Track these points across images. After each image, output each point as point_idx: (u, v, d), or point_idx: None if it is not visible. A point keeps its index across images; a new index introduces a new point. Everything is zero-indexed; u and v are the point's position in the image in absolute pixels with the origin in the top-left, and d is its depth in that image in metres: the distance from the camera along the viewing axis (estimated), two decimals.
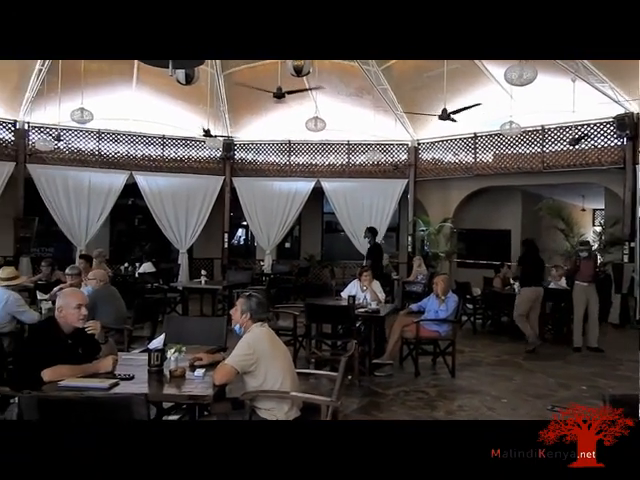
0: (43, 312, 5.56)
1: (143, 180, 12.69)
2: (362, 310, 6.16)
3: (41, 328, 3.43)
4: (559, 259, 10.47)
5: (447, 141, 12.69)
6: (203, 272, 9.26)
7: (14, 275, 5.73)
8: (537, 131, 11.35)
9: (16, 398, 3.15)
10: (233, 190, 13.43)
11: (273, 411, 3.22)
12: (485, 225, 13.27)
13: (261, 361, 3.23)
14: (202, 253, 14.14)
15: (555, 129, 11.16)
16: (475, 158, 12.26)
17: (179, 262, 12.67)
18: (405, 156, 13.20)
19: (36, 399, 2.49)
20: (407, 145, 13.19)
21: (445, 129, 11.58)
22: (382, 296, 6.91)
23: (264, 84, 10.01)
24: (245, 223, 16.39)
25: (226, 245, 13.55)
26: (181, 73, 6.75)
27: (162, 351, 3.40)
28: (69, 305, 3.38)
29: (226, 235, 13.60)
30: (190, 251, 13.42)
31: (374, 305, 6.39)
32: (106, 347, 3.68)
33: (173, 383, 3.27)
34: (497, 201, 13.10)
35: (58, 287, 6.12)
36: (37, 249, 12.86)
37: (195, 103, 12.54)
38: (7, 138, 11.74)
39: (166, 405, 3.70)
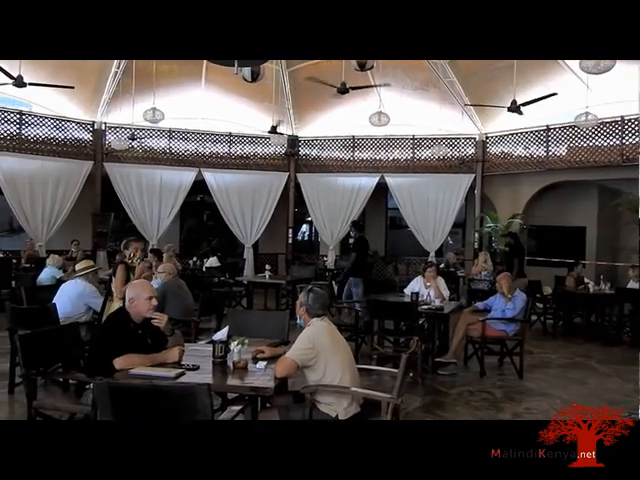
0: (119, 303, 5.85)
1: (211, 177, 13.06)
2: (425, 307, 6.06)
3: (114, 318, 3.60)
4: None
5: (517, 134, 12.21)
6: (267, 267, 9.42)
7: (87, 265, 6.06)
8: (616, 122, 10.71)
9: (91, 384, 3.34)
10: (297, 186, 13.57)
11: (332, 406, 3.22)
12: (558, 222, 12.66)
13: (320, 355, 3.24)
14: (267, 248, 14.39)
15: (636, 119, 10.48)
16: (547, 151, 11.73)
17: (244, 257, 12.96)
18: (472, 150, 12.83)
19: (107, 385, 2.61)
20: (474, 139, 12.82)
21: (515, 122, 11.17)
22: (446, 293, 6.77)
23: (328, 80, 10.03)
24: (309, 219, 16.57)
25: (290, 241, 13.72)
26: (247, 71, 6.87)
27: (226, 343, 3.48)
28: (140, 296, 3.52)
29: (290, 231, 13.76)
30: (255, 246, 13.69)
31: (438, 302, 6.27)
32: (172, 339, 3.82)
33: (236, 374, 3.34)
34: (571, 196, 12.45)
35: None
36: (112, 244, 13.53)
37: (260, 100, 12.75)
38: (86, 138, 12.42)
39: (230, 396, 3.79)
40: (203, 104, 13.03)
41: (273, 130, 11.30)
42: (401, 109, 12.08)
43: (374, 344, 6.13)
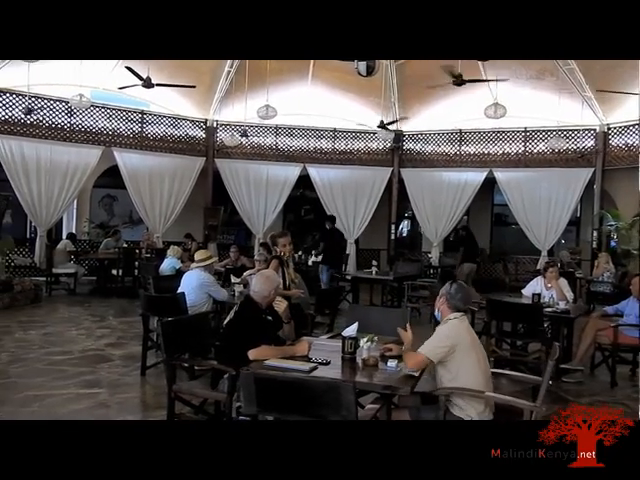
0: (236, 295, 6.06)
1: (315, 172, 13.23)
2: (549, 310, 5.71)
3: (247, 308, 3.71)
4: None
5: None
6: (374, 262, 9.37)
7: (207, 256, 6.33)
8: None
9: (225, 375, 3.47)
10: (400, 181, 13.38)
11: (466, 410, 3.10)
12: None
13: (456, 354, 3.13)
14: (367, 244, 14.34)
15: None
16: None
17: (347, 252, 12.99)
18: (592, 142, 11.95)
19: (253, 375, 2.67)
20: (594, 130, 11.92)
21: None
22: (570, 295, 6.34)
23: (434, 73, 9.80)
24: (408, 214, 16.31)
25: (393, 236, 13.57)
26: (362, 65, 6.83)
27: (355, 339, 3.47)
28: (267, 287, 3.62)
29: (393, 226, 13.61)
30: (356, 242, 13.69)
31: (562, 305, 5.89)
32: (287, 327, 3.88)
33: (365, 372, 3.32)
34: None
35: (248, 272, 6.64)
36: (221, 236, 14.14)
37: (366, 96, 12.70)
38: (199, 136, 13.05)
39: None
40: (309, 100, 13.20)
41: (382, 125, 11.19)
42: (513, 100, 11.48)
43: (492, 346, 5.87)
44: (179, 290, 5.69)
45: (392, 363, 3.30)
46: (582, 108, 11.62)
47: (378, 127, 11.40)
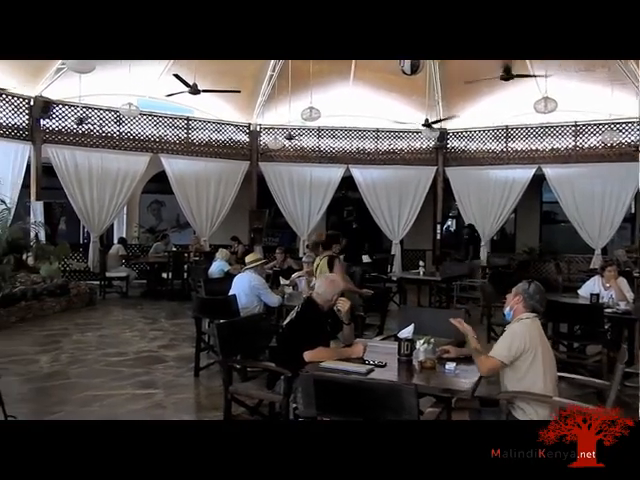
0: (285, 296, 6.09)
1: (358, 173, 13.17)
2: (609, 311, 5.49)
3: (307, 310, 3.72)
4: None
5: None
6: (421, 263, 9.25)
7: (256, 259, 6.40)
8: None
9: (282, 376, 3.48)
10: (445, 180, 13.17)
11: (530, 414, 3.01)
12: None
13: (527, 356, 3.05)
14: (412, 244, 14.17)
15: None
16: None
17: (392, 253, 12.89)
18: None
19: (312, 377, 2.67)
20: None
21: None
22: (630, 295, 6.08)
23: (479, 69, 9.61)
24: (453, 214, 16.04)
25: (438, 236, 13.37)
26: (407, 64, 6.76)
27: (412, 341, 3.42)
28: (331, 290, 3.63)
29: (438, 226, 13.41)
30: (401, 242, 13.55)
31: (622, 305, 5.65)
32: (347, 328, 3.85)
33: (423, 374, 3.27)
34: None
35: (296, 274, 6.67)
36: (266, 239, 14.27)
37: (408, 94, 12.57)
38: (243, 140, 13.21)
39: None
40: (351, 101, 13.16)
41: (427, 124, 11.05)
42: (562, 94, 11.12)
43: None
44: (230, 292, 5.76)
45: (450, 365, 3.24)
46: (636, 100, 11.14)
47: (423, 126, 11.24)
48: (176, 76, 8.98)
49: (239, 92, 10.37)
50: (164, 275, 10.82)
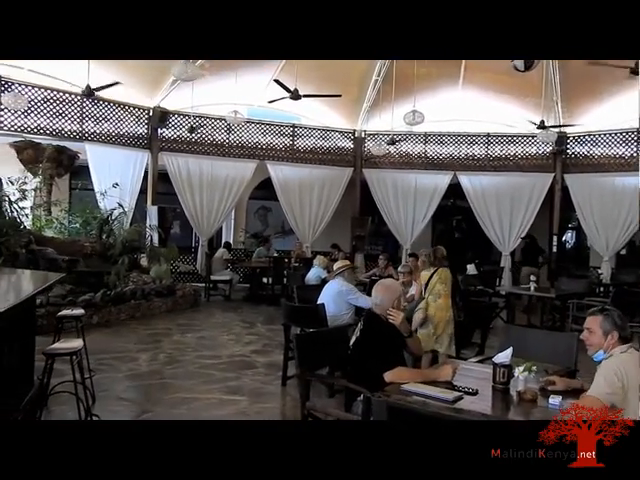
0: None
1: (466, 180, 12.52)
2: None
3: (371, 323, 3.43)
4: None
5: None
6: (532, 278, 8.47)
7: (344, 264, 6.18)
8: None
9: (361, 395, 3.21)
10: (564, 188, 12.09)
11: None
12: None
13: (626, 395, 2.58)
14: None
15: None
16: None
17: (502, 265, 12.07)
18: None
19: (385, 403, 2.38)
20: None
21: None
22: None
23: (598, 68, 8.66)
24: (572, 225, 14.72)
25: (555, 249, 12.29)
26: (519, 60, 6.22)
27: (509, 367, 3.00)
28: (389, 296, 3.42)
29: (555, 238, 12.34)
30: (512, 255, 12.65)
31: None
32: (409, 341, 3.51)
33: (521, 407, 2.85)
34: None
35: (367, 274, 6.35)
36: (368, 247, 14.03)
37: (522, 96, 11.73)
38: (347, 146, 13.12)
39: None
40: (460, 105, 12.57)
41: (541, 126, 10.21)
42: None
43: None
44: (319, 301, 5.61)
45: (555, 400, 2.77)
46: None
47: (538, 128, 10.38)
48: (277, 81, 9.08)
49: (340, 96, 10.27)
50: (265, 280, 10.97)
